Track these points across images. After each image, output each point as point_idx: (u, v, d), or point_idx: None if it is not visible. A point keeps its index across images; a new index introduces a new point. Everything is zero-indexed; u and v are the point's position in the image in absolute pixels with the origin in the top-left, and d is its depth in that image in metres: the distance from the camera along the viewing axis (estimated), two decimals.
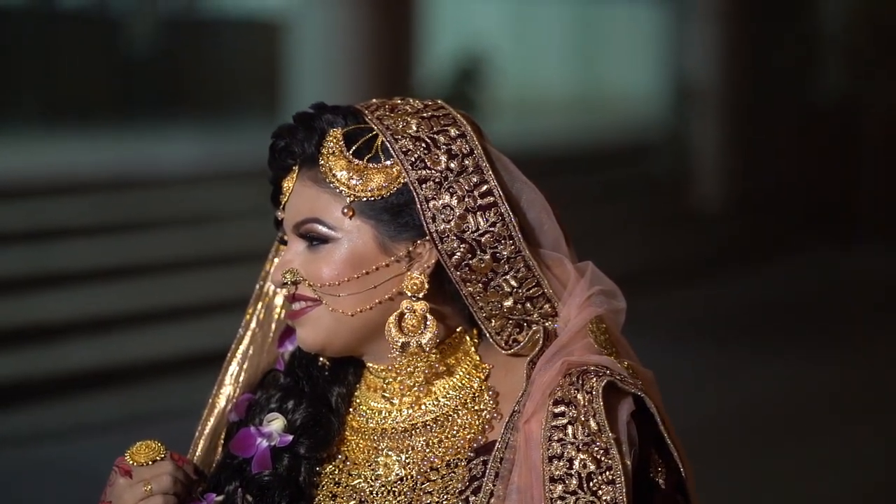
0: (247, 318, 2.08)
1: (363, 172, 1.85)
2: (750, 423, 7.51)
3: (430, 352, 1.85)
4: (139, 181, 9.61)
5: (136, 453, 1.89)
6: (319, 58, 9.14)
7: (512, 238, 1.84)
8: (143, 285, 8.41)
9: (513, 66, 15.44)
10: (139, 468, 1.88)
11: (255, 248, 10.27)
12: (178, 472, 1.89)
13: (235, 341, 2.06)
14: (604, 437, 1.75)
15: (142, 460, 1.89)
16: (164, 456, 1.89)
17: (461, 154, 1.85)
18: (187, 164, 10.27)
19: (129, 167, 10.03)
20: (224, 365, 2.06)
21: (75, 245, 8.49)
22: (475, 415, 1.86)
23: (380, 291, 1.85)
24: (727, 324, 10.00)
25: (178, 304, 8.35)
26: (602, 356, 1.82)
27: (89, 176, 9.45)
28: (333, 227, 1.85)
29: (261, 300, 2.07)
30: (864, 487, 6.63)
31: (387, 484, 1.87)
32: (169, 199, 9.47)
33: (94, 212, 8.90)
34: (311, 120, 1.90)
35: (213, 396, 2.05)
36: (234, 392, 2.04)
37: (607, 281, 1.91)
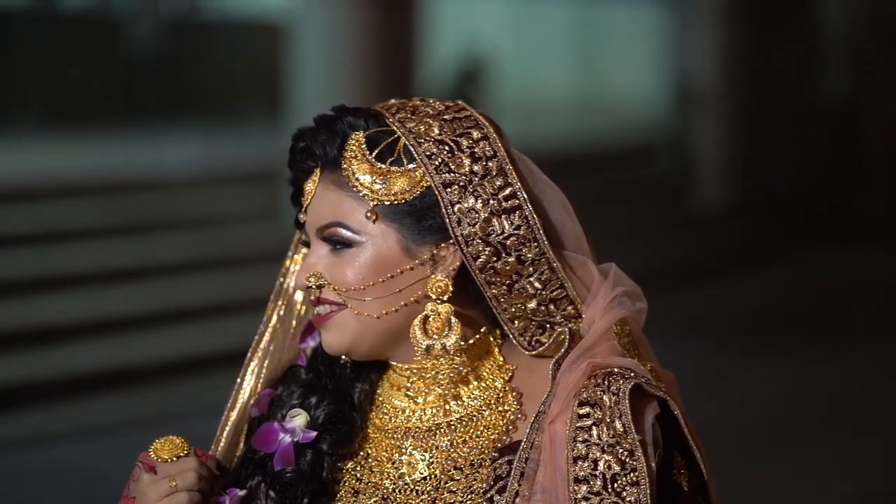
0: (267, 314, 2.07)
1: (386, 176, 1.85)
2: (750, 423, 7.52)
3: (454, 354, 1.86)
4: (141, 184, 9.62)
5: (159, 449, 1.90)
6: (321, 60, 9.15)
7: (536, 240, 1.84)
8: (147, 288, 8.42)
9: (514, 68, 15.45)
10: (164, 464, 1.88)
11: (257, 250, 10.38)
12: (202, 469, 1.89)
13: (257, 336, 2.06)
14: (629, 439, 1.75)
15: (166, 456, 1.89)
16: (187, 452, 1.90)
17: (485, 157, 1.84)
18: (189, 167, 10.27)
19: (131, 170, 10.04)
20: (245, 360, 2.06)
21: (78, 248, 8.50)
22: (499, 415, 1.87)
23: (404, 295, 1.86)
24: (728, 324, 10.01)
25: (181, 307, 8.36)
26: (626, 358, 1.83)
27: (91, 178, 9.46)
28: (357, 231, 1.85)
29: (281, 296, 2.07)
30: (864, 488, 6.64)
31: (410, 482, 1.87)
32: (171, 202, 9.48)
33: (96, 214, 8.91)
34: (333, 122, 1.91)
35: (235, 391, 2.05)
36: (256, 387, 2.04)
37: (630, 282, 1.92)
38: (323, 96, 9.04)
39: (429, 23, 10.22)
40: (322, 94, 9.06)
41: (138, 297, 8.30)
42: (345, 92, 8.89)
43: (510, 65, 15.06)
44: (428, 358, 1.86)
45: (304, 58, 9.31)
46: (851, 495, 6.57)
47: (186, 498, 1.87)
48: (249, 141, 11.96)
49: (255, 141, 11.82)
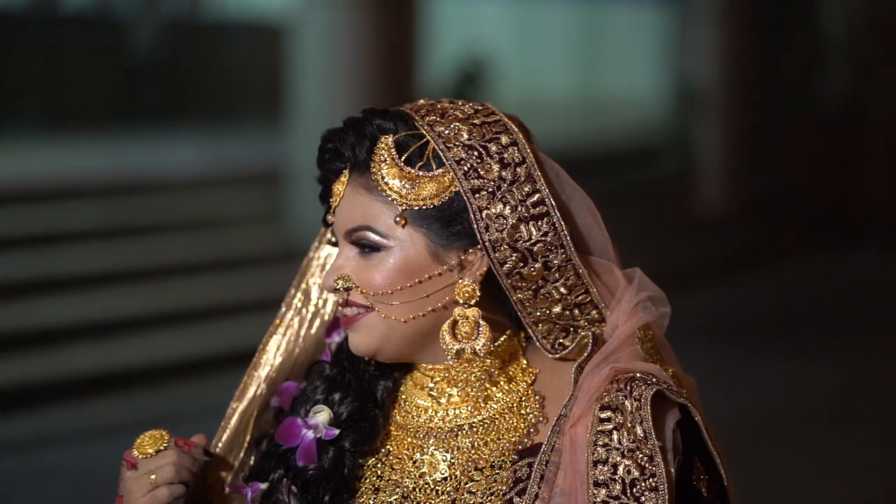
0: (286, 303, 2.09)
1: (415, 181, 1.85)
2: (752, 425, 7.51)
3: (484, 357, 1.87)
4: (142, 185, 9.62)
5: (141, 445, 1.92)
6: (322, 62, 9.15)
7: (563, 247, 1.85)
8: (148, 289, 8.42)
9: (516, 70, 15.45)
10: (144, 460, 1.91)
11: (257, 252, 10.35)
12: (182, 459, 1.91)
13: (271, 328, 2.08)
14: (649, 445, 1.76)
15: (150, 451, 1.91)
16: (167, 445, 1.91)
17: (513, 163, 1.85)
18: (190, 169, 10.27)
19: (132, 171, 10.04)
20: (259, 348, 2.07)
21: (79, 249, 8.50)
22: (521, 418, 1.88)
23: (432, 300, 1.86)
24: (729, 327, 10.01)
25: (182, 308, 8.36)
26: (648, 364, 1.84)
27: (93, 180, 9.46)
28: (386, 235, 1.86)
29: (300, 289, 2.09)
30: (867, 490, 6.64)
31: (431, 482, 1.88)
32: (172, 204, 9.48)
33: (97, 216, 8.91)
34: (362, 125, 1.89)
35: (246, 378, 2.07)
36: (267, 375, 2.06)
37: (654, 287, 1.93)
38: (324, 98, 9.04)
39: (429, 24, 10.21)
40: (323, 95, 9.06)
41: (139, 298, 8.30)
42: (346, 93, 8.90)
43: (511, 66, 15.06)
44: (459, 362, 1.88)
45: (305, 60, 9.30)
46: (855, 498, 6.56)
47: (167, 492, 1.89)
48: (250, 143, 11.95)
49: (255, 143, 11.82)
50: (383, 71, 9.02)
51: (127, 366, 7.65)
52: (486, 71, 13.10)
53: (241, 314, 8.27)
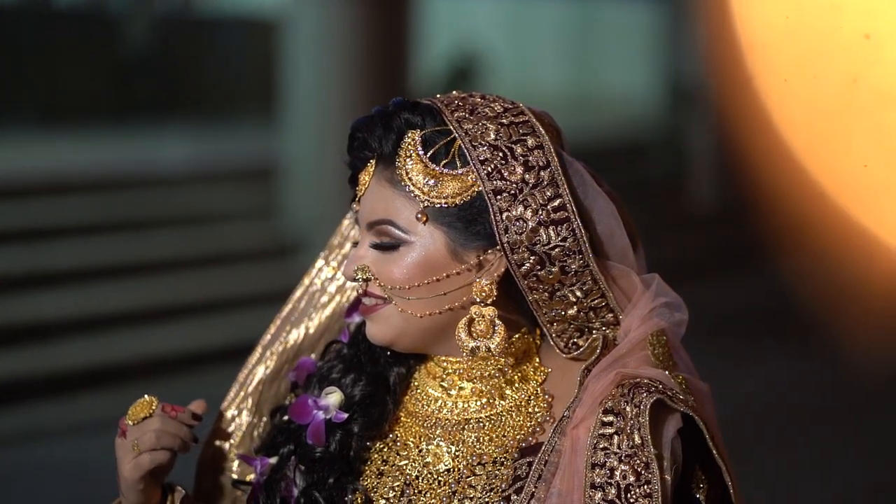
0: (312, 270, 2.14)
1: (439, 178, 1.86)
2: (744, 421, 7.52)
3: (499, 355, 1.89)
4: (136, 180, 9.62)
5: (131, 413, 1.95)
6: (315, 58, 9.15)
7: (581, 253, 1.85)
8: (140, 285, 8.42)
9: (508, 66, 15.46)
10: (132, 427, 1.94)
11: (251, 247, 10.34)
12: (167, 425, 1.93)
13: (287, 302, 2.13)
14: (646, 452, 1.77)
15: (142, 415, 1.94)
16: (151, 412, 1.94)
17: (538, 166, 1.85)
18: (183, 164, 10.27)
19: (125, 166, 10.04)
20: (271, 326, 2.13)
21: (72, 244, 8.50)
22: (528, 417, 1.89)
23: (450, 298, 1.88)
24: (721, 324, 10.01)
25: (174, 304, 8.36)
26: (657, 370, 1.84)
27: (85, 176, 9.46)
28: (407, 230, 1.87)
29: (332, 259, 2.13)
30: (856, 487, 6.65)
31: (434, 472, 1.89)
32: (165, 199, 9.48)
33: (90, 211, 8.91)
34: (390, 118, 1.90)
35: (252, 356, 2.13)
36: (272, 353, 2.11)
37: (672, 293, 1.94)
38: (316, 94, 9.05)
39: (422, 20, 10.22)
40: (316, 91, 9.06)
41: (132, 293, 8.30)
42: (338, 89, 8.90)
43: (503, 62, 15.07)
44: (474, 359, 1.90)
45: (297, 56, 9.30)
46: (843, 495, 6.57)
47: (149, 458, 1.92)
48: (243, 139, 11.95)
49: (248, 139, 11.82)
50: (376, 67, 9.02)
51: (119, 361, 7.65)
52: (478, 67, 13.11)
53: (233, 310, 8.27)
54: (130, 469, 1.92)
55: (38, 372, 7.35)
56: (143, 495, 1.95)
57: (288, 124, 9.35)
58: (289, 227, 9.03)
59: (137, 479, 1.93)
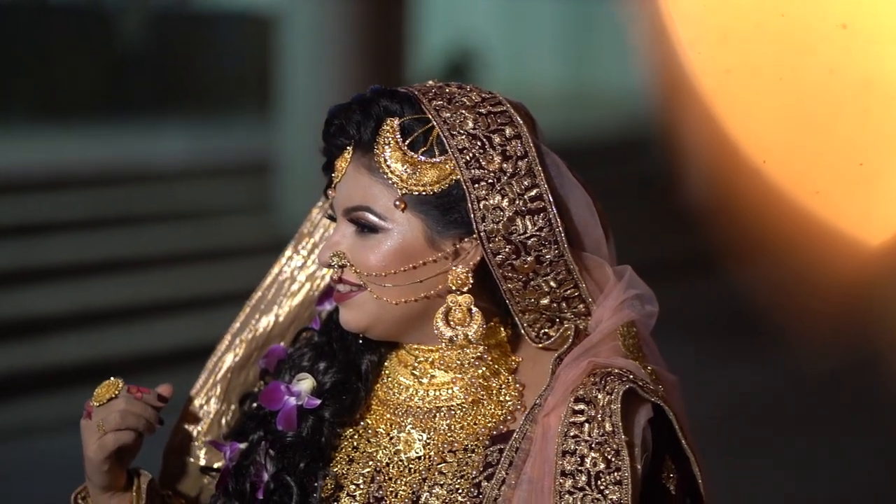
0: (284, 256, 2.15)
1: (417, 166, 1.87)
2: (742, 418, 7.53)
3: (477, 343, 1.89)
4: (131, 176, 9.61)
5: (97, 394, 1.96)
6: (310, 52, 9.14)
7: (557, 243, 1.87)
8: (136, 279, 8.42)
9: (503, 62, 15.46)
10: (97, 408, 1.94)
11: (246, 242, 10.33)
12: (131, 406, 1.94)
13: (256, 290, 2.15)
14: (616, 439, 1.78)
15: (103, 399, 1.95)
16: (116, 394, 1.95)
17: (515, 156, 1.86)
18: (178, 159, 10.26)
19: (120, 161, 10.03)
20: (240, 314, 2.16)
21: (66, 239, 8.50)
22: (499, 405, 1.90)
23: (425, 286, 1.89)
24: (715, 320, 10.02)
25: (170, 299, 8.36)
26: (627, 360, 1.85)
27: (81, 170, 9.45)
28: (384, 217, 1.88)
29: (298, 247, 2.15)
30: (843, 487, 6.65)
31: (405, 459, 1.91)
32: (160, 194, 9.48)
33: (85, 206, 8.90)
34: (369, 105, 1.91)
35: (221, 344, 2.16)
36: (241, 340, 2.14)
37: (644, 285, 1.95)
38: (312, 89, 9.04)
39: (418, 15, 10.21)
40: (311, 86, 9.06)
41: (127, 288, 8.29)
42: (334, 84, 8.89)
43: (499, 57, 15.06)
44: (452, 348, 1.90)
45: (293, 50, 9.30)
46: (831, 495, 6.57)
47: (112, 438, 1.92)
48: (239, 134, 11.95)
49: (244, 133, 11.81)
50: (372, 61, 9.02)
51: (114, 356, 7.64)
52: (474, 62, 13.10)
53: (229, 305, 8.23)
54: (95, 449, 1.93)
55: (32, 367, 7.34)
56: (107, 477, 1.95)
57: (284, 119, 9.34)
58: (285, 223, 9.02)
59: (102, 460, 1.94)
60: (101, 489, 1.97)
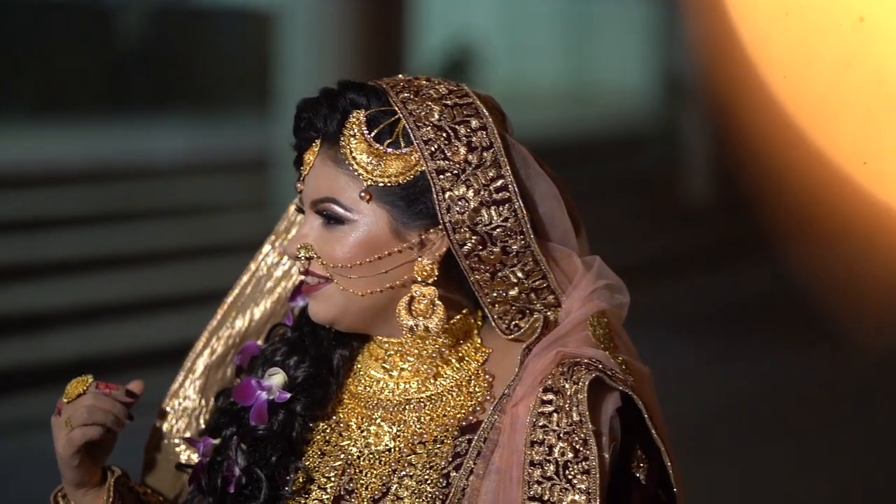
0: (256, 259, 2.17)
1: (382, 157, 1.88)
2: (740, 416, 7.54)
3: (437, 335, 1.90)
4: (130, 172, 9.62)
5: (67, 391, 1.98)
6: (310, 49, 9.14)
7: (523, 233, 1.87)
8: (134, 276, 8.42)
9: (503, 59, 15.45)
10: (66, 405, 1.96)
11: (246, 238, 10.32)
12: (99, 402, 1.95)
13: (233, 288, 2.17)
14: (584, 429, 1.79)
15: (72, 395, 1.96)
16: (85, 390, 1.96)
17: (481, 147, 1.87)
18: (177, 156, 10.27)
19: (119, 157, 10.04)
20: (218, 311, 2.17)
21: (65, 235, 8.50)
22: (469, 397, 1.91)
23: (390, 276, 1.90)
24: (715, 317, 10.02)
25: (169, 295, 8.36)
26: (597, 350, 1.86)
27: (80, 166, 9.46)
28: (350, 208, 1.89)
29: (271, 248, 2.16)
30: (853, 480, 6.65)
31: (375, 452, 1.92)
32: (160, 190, 9.48)
33: (84, 202, 8.90)
34: (335, 97, 1.93)
35: (199, 342, 2.19)
36: (218, 338, 2.15)
37: (613, 276, 1.95)
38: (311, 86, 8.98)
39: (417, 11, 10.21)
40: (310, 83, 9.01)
41: (125, 284, 8.30)
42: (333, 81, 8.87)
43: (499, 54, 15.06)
44: (412, 338, 1.91)
45: (292, 47, 9.30)
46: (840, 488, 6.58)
47: (80, 434, 1.94)
48: (238, 130, 11.95)
49: (243, 130, 11.81)
50: (371, 58, 9.02)
51: (113, 351, 7.64)
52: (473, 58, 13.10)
53: None
54: (63, 445, 1.95)
55: (31, 362, 7.34)
56: (78, 473, 1.97)
57: (283, 116, 9.33)
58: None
59: (71, 455, 1.95)
60: (74, 486, 1.99)
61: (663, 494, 1.87)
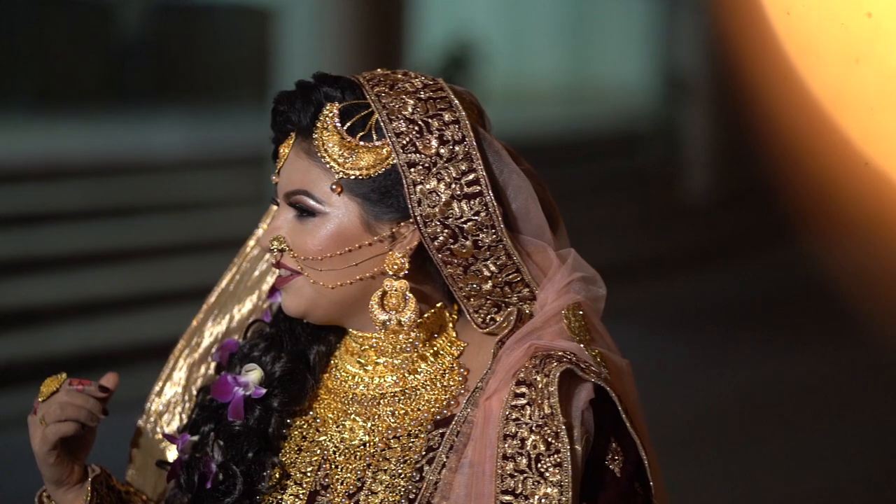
0: (240, 256, 2.19)
1: (354, 150, 1.88)
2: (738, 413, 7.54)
3: (409, 329, 1.90)
4: (128, 167, 9.62)
5: (42, 390, 1.97)
6: (309, 44, 9.14)
7: (494, 227, 1.87)
8: (133, 270, 8.42)
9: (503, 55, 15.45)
10: (41, 403, 1.96)
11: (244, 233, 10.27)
12: (73, 398, 1.95)
13: (217, 286, 2.19)
14: (555, 421, 1.79)
15: (46, 394, 1.96)
16: (58, 387, 1.96)
17: (453, 140, 1.87)
18: (176, 150, 10.27)
19: (118, 153, 10.03)
20: (203, 307, 2.18)
21: (64, 230, 8.50)
22: (443, 390, 1.91)
23: (361, 269, 1.90)
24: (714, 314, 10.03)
25: (166, 290, 8.35)
26: (571, 342, 1.86)
27: (79, 161, 9.45)
28: (322, 201, 1.90)
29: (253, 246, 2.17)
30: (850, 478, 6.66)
31: (350, 447, 1.92)
32: (159, 185, 9.48)
33: (83, 196, 8.90)
34: (310, 91, 1.93)
35: (183, 338, 2.21)
36: (201, 335, 2.18)
37: (589, 268, 1.94)
38: None
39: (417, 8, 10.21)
40: None
41: (124, 279, 8.29)
42: None
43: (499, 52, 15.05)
44: (385, 332, 1.91)
45: (291, 42, 9.30)
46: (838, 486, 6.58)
47: (53, 430, 1.93)
48: (237, 125, 11.94)
49: (242, 125, 11.80)
50: (370, 53, 9.01)
51: (111, 346, 7.64)
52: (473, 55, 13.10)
53: None
54: (39, 442, 1.95)
55: (30, 357, 7.34)
56: (56, 470, 1.97)
57: None
58: None
59: (47, 452, 1.95)
60: (54, 484, 1.98)
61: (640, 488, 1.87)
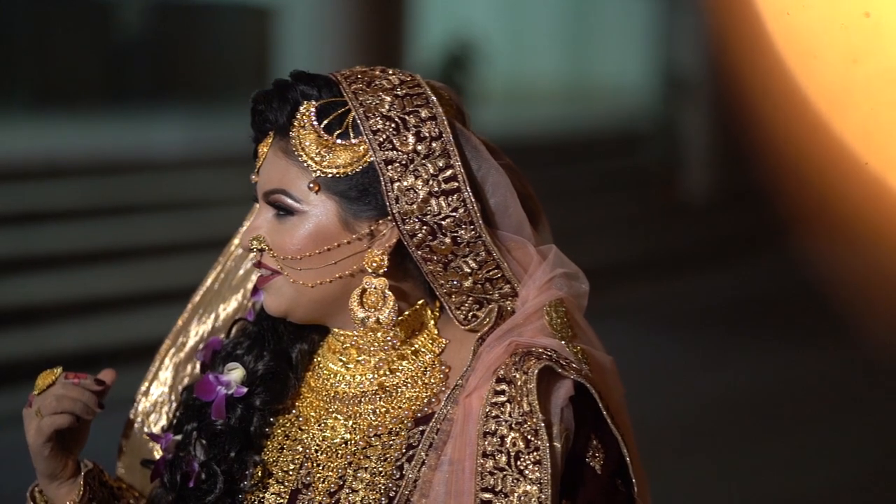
0: (224, 256, 2.18)
1: (331, 148, 1.88)
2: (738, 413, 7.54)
3: (389, 327, 1.89)
4: (128, 165, 9.61)
5: (37, 384, 1.97)
6: (309, 43, 9.15)
7: (473, 224, 1.87)
8: (133, 269, 8.42)
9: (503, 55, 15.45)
10: (36, 396, 1.96)
11: None
12: (68, 391, 1.95)
13: (202, 284, 2.19)
14: (534, 419, 1.78)
15: (42, 387, 1.96)
16: (54, 380, 1.96)
17: (430, 137, 1.87)
18: (176, 149, 10.27)
19: (118, 151, 10.03)
20: (189, 307, 2.19)
21: (64, 228, 8.50)
22: (424, 388, 1.91)
23: (340, 267, 1.89)
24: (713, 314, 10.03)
25: (166, 288, 8.34)
26: (552, 339, 1.85)
27: (78, 159, 9.45)
28: (299, 200, 1.89)
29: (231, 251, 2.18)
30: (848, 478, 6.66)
31: (332, 445, 1.92)
32: (158, 184, 9.48)
33: (83, 195, 8.90)
34: (287, 89, 1.93)
35: (169, 337, 2.19)
36: (187, 333, 2.17)
37: (571, 264, 1.94)
38: None
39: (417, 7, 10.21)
40: None
41: (124, 278, 8.30)
42: None
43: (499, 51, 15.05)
44: (364, 330, 1.90)
45: (291, 41, 9.31)
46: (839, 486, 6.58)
47: (48, 422, 1.93)
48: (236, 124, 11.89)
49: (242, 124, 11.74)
50: (370, 53, 9.02)
51: (110, 345, 7.64)
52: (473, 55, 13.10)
53: None
54: (33, 435, 1.95)
55: (29, 355, 7.34)
56: (50, 464, 1.97)
57: None
58: None
59: (41, 445, 1.95)
60: (47, 477, 1.99)
61: (622, 485, 1.86)
